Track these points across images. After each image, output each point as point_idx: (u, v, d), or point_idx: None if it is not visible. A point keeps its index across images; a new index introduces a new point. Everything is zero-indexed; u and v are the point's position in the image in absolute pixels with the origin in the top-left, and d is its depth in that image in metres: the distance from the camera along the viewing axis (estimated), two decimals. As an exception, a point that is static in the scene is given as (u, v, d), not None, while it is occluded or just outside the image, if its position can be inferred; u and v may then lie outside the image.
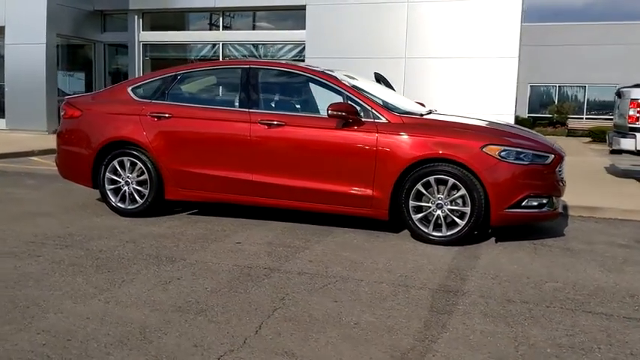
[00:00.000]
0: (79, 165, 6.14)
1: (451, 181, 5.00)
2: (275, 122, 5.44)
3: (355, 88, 5.45)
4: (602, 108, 30.06)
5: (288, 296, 3.79)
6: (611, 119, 28.58)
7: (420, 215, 5.13)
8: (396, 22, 15.16)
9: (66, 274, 4.14)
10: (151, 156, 5.80)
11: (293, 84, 5.98)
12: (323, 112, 5.46)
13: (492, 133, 5.28)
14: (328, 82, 5.52)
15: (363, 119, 5.24)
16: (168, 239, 5.17)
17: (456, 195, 5.02)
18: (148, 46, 18.39)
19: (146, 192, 5.89)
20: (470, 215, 4.97)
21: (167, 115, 5.78)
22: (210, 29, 17.79)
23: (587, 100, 30.47)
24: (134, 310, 3.50)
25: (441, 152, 5.00)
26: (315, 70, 5.64)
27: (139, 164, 5.87)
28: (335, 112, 5.12)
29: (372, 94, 5.51)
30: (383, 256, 4.78)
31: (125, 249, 4.82)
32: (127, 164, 5.93)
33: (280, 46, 17.02)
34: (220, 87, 6.37)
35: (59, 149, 6.41)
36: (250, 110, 5.57)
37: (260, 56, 17.51)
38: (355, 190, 5.24)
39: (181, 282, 4.03)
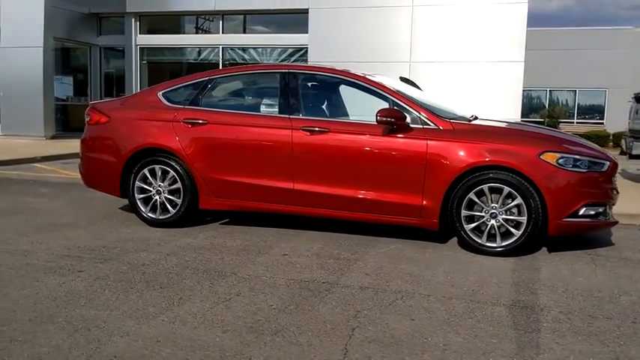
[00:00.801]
0: (106, 173, 5.88)
1: (506, 189, 4.82)
2: (318, 129, 5.23)
3: (401, 93, 5.25)
4: (592, 112, 30.29)
5: (361, 314, 3.58)
6: (602, 123, 28.67)
7: (472, 225, 4.94)
8: (400, 26, 15.03)
9: (117, 291, 3.89)
10: (184, 164, 5.56)
11: (334, 89, 5.78)
12: (367, 118, 5.25)
13: (548, 139, 5.11)
14: (372, 86, 5.33)
15: (411, 125, 5.03)
16: (210, 251, 4.93)
17: (511, 204, 4.84)
18: (145, 50, 18.08)
19: (179, 201, 5.64)
20: (526, 225, 4.80)
21: (202, 122, 5.54)
22: (210, 32, 17.52)
23: (578, 104, 30.67)
24: (204, 331, 3.27)
25: (495, 159, 4.82)
26: (357, 75, 5.44)
27: (172, 172, 5.63)
28: (384, 118, 4.93)
29: (418, 100, 5.31)
30: (440, 268, 4.59)
31: (169, 262, 4.58)
32: (159, 172, 5.68)
33: (282, 49, 16.80)
34: (257, 92, 6.14)
35: (84, 156, 6.14)
36: (291, 116, 5.36)
37: (260, 61, 17.28)
38: (404, 199, 5.06)
39: (242, 299, 3.81)
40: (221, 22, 17.11)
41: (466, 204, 4.93)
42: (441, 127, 5.02)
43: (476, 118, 5.68)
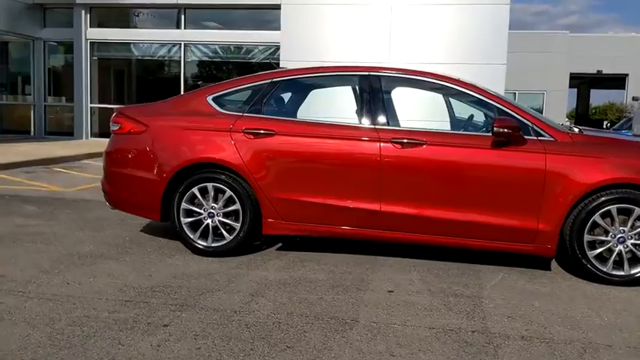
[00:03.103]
0: (143, 193, 4.89)
1: (638, 210, 4.24)
2: (412, 141, 4.47)
3: (505, 100, 4.58)
4: (533, 114, 30.94)
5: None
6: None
7: (596, 252, 4.34)
8: (378, 25, 14.45)
9: (235, 355, 3.00)
10: (246, 182, 4.68)
11: (423, 94, 5.02)
12: (465, 128, 4.57)
13: None
14: (472, 91, 4.64)
15: (525, 137, 4.37)
16: (298, 288, 4.11)
17: (640, 227, 4.27)
18: (95, 45, 16.63)
19: (237, 225, 4.74)
20: (659, 251, 4.23)
21: (269, 132, 4.67)
22: (171, 28, 16.30)
23: (518, 106, 31.26)
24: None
25: (627, 176, 4.24)
26: (451, 78, 4.73)
27: (228, 192, 4.72)
28: (502, 130, 4.25)
29: (524, 107, 4.66)
30: (581, 304, 3.96)
31: (264, 308, 3.73)
32: (212, 192, 4.74)
33: (251, 47, 15.85)
34: (332, 98, 5.31)
35: (110, 172, 5.11)
36: (377, 127, 4.57)
37: (226, 59, 16.25)
38: (516, 223, 4.39)
39: (399, 359, 3.01)
40: (183, 16, 15.94)
41: (589, 228, 4.31)
42: (558, 140, 4.38)
43: (581, 130, 5.05)
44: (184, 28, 15.95)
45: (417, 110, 5.00)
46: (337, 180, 4.58)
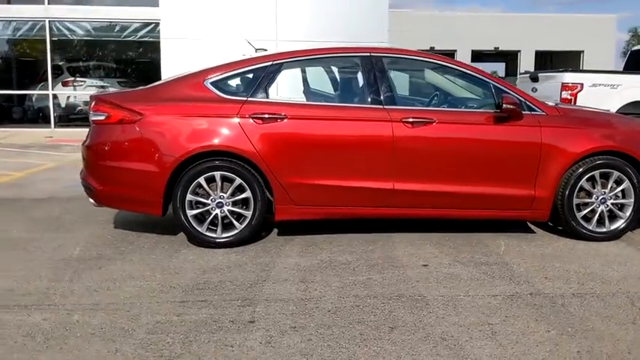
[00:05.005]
0: (142, 187, 4.57)
1: (616, 173, 4.83)
2: (422, 120, 4.66)
3: (499, 78, 4.93)
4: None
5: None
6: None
7: (583, 213, 4.88)
8: (264, 2, 14.34)
9: (352, 340, 3.02)
10: (257, 168, 4.56)
11: (423, 74, 5.19)
12: (464, 106, 4.86)
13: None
14: (470, 71, 4.92)
15: (523, 113, 4.76)
16: (340, 271, 4.17)
17: (618, 189, 4.87)
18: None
19: (248, 214, 4.63)
20: (633, 207, 4.87)
21: (279, 117, 4.58)
22: (33, 3, 14.80)
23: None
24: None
25: (608, 144, 4.79)
26: (447, 58, 4.97)
27: (238, 180, 4.57)
28: (509, 106, 4.58)
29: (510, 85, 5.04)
30: (592, 261, 4.45)
31: (327, 293, 3.76)
32: (219, 181, 4.57)
33: (126, 25, 14.94)
34: (337, 79, 5.26)
35: (98, 167, 4.69)
36: (387, 107, 4.69)
37: (99, 37, 15.19)
38: (516, 192, 4.79)
39: (497, 327, 3.23)
40: (46, -10, 14.55)
41: (577, 192, 4.82)
42: (548, 113, 4.82)
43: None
44: (48, 4, 14.56)
45: (420, 89, 5.16)
46: (350, 161, 4.63)
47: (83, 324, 3.25)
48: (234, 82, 4.78)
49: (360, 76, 4.83)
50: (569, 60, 29.05)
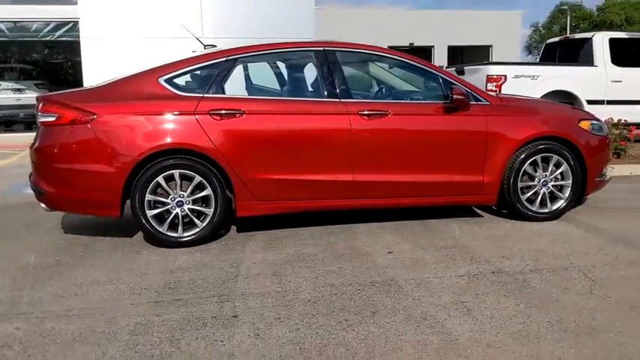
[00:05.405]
0: (98, 189, 4.45)
1: (555, 157, 5.16)
2: (378, 112, 4.81)
3: (447, 71, 5.15)
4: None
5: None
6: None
7: (526, 195, 5.18)
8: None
9: (340, 326, 3.12)
10: (217, 165, 4.56)
11: (374, 67, 5.32)
12: (414, 98, 5.07)
13: (575, 109, 5.61)
14: (421, 65, 5.10)
15: (470, 103, 5.01)
16: (310, 263, 4.23)
17: (557, 172, 5.20)
18: None
19: (209, 211, 4.62)
20: (572, 188, 5.22)
21: (237, 112, 4.59)
22: None
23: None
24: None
25: (548, 130, 5.12)
26: (399, 52, 5.14)
27: (197, 177, 4.55)
28: (459, 97, 4.80)
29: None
30: (540, 240, 4.74)
31: (302, 284, 3.82)
32: (178, 179, 4.54)
33: (41, 25, 14.31)
34: (292, 74, 5.27)
35: (49, 170, 4.53)
36: (343, 100, 4.80)
37: (14, 38, 14.48)
38: (467, 178, 5.03)
39: (472, 304, 3.42)
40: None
41: (521, 176, 5.12)
42: (492, 103, 5.09)
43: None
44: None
45: (370, 82, 5.30)
46: (312, 155, 4.71)
47: (60, 330, 3.16)
48: (189, 79, 4.74)
49: (314, 70, 4.91)
50: (479, 54, 30.28)
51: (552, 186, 5.22)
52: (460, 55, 33.71)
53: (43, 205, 4.63)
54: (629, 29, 41.98)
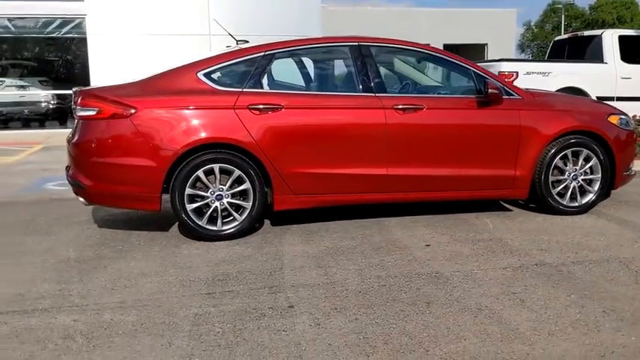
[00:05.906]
0: (139, 182, 4.47)
1: (585, 151, 5.21)
2: (413, 106, 4.85)
3: (480, 67, 5.19)
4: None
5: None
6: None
7: (557, 189, 5.23)
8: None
9: (395, 316, 3.15)
10: (256, 159, 4.58)
11: (409, 63, 5.35)
12: (449, 92, 5.10)
13: (603, 104, 5.65)
14: (453, 59, 5.14)
15: (503, 97, 5.05)
16: (350, 256, 4.26)
17: (587, 166, 5.26)
18: None
19: (247, 205, 4.64)
20: (601, 182, 5.27)
21: (276, 107, 4.61)
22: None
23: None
24: None
25: (580, 125, 5.16)
26: (432, 47, 5.18)
27: (237, 171, 4.58)
28: (494, 91, 4.84)
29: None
30: (574, 233, 4.77)
31: (348, 276, 3.85)
32: (218, 173, 4.56)
33: (49, 20, 14.29)
34: (328, 69, 5.30)
35: (89, 164, 4.54)
36: (378, 95, 4.84)
37: (20, 34, 14.43)
38: (500, 172, 5.07)
39: (522, 295, 3.46)
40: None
41: (553, 170, 5.17)
42: (524, 98, 5.13)
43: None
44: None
45: (404, 77, 5.33)
46: (346, 148, 4.74)
47: (119, 322, 3.18)
48: (227, 74, 4.75)
49: (349, 64, 4.93)
50: (474, 52, 30.42)
51: (582, 180, 5.26)
52: (455, 54, 33.83)
53: (81, 198, 4.64)
54: (620, 28, 42.26)
